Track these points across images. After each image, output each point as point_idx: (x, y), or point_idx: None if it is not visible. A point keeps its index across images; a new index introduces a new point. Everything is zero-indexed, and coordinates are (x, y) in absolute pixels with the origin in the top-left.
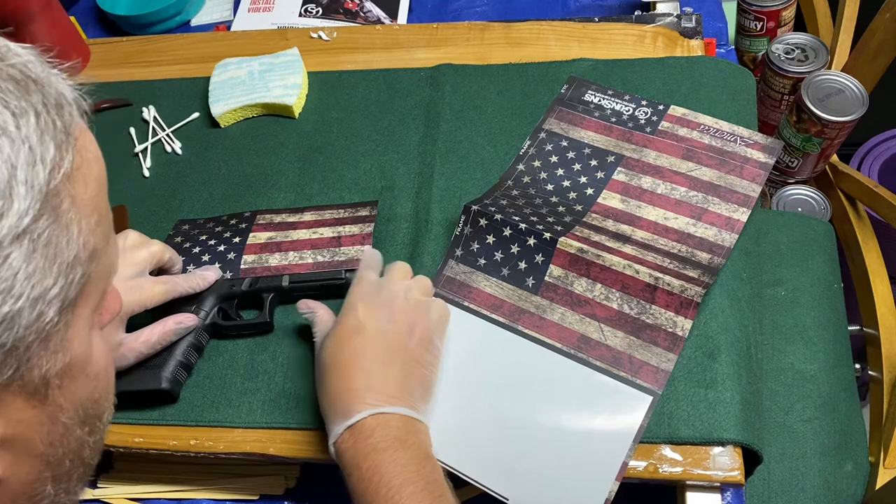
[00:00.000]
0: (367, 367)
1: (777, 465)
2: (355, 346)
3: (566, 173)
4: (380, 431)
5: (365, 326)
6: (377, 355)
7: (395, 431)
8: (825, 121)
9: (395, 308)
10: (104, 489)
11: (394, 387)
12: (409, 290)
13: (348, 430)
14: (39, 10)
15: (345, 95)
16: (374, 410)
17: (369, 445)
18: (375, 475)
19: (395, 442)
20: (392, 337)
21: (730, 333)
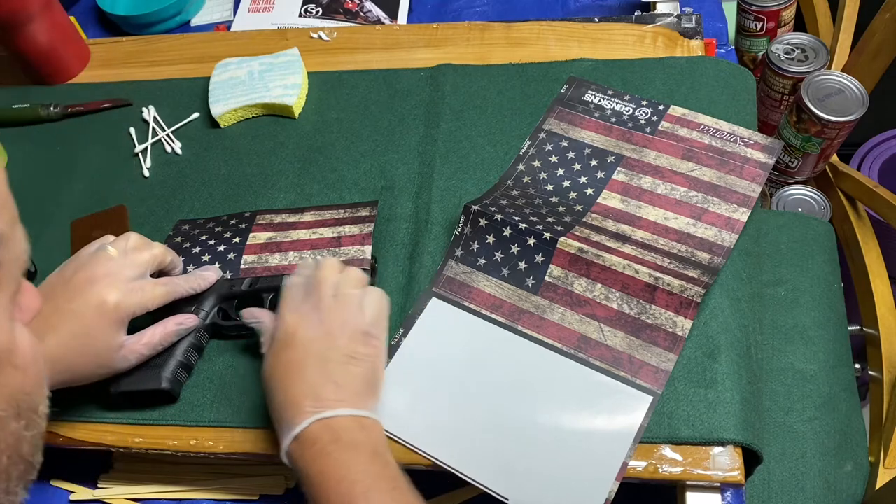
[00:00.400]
0: (303, 377)
1: (777, 465)
2: (289, 358)
3: (566, 173)
4: (324, 437)
5: (295, 336)
6: (311, 363)
7: (339, 434)
8: (825, 121)
9: (322, 310)
10: (104, 489)
11: (332, 390)
12: (339, 287)
13: (295, 441)
14: (39, 10)
15: (345, 95)
16: (315, 417)
17: (315, 452)
18: (324, 480)
19: (340, 444)
20: (323, 341)
21: (730, 333)
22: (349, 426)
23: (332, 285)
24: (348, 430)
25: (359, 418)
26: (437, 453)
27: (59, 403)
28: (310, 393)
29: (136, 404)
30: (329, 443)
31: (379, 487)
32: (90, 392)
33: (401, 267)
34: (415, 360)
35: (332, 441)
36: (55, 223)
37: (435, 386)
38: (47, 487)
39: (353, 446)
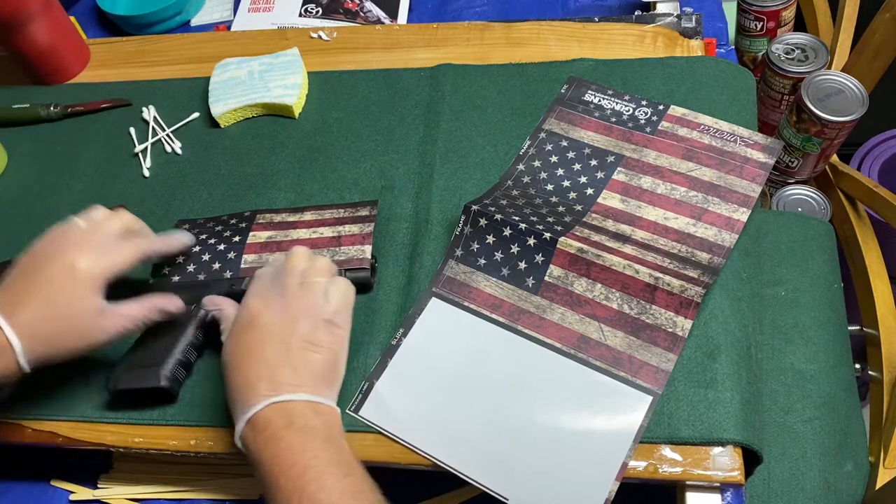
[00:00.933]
0: (261, 360)
1: (777, 465)
2: (248, 340)
3: (566, 173)
4: (277, 420)
5: (257, 319)
6: (270, 346)
7: (293, 418)
8: (825, 121)
9: (287, 296)
10: (104, 489)
11: (289, 374)
12: (306, 275)
13: (248, 425)
14: (39, 10)
15: (345, 95)
16: (270, 400)
17: (268, 436)
18: (276, 466)
19: (293, 429)
20: (284, 326)
21: (730, 333)
22: (304, 411)
23: (300, 273)
24: (303, 415)
25: (314, 404)
26: (437, 453)
27: (60, 403)
28: (266, 375)
29: (135, 403)
30: (282, 427)
31: (331, 473)
32: (90, 392)
33: (401, 267)
34: (415, 359)
35: (286, 425)
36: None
37: (435, 386)
38: (47, 487)
39: (307, 431)
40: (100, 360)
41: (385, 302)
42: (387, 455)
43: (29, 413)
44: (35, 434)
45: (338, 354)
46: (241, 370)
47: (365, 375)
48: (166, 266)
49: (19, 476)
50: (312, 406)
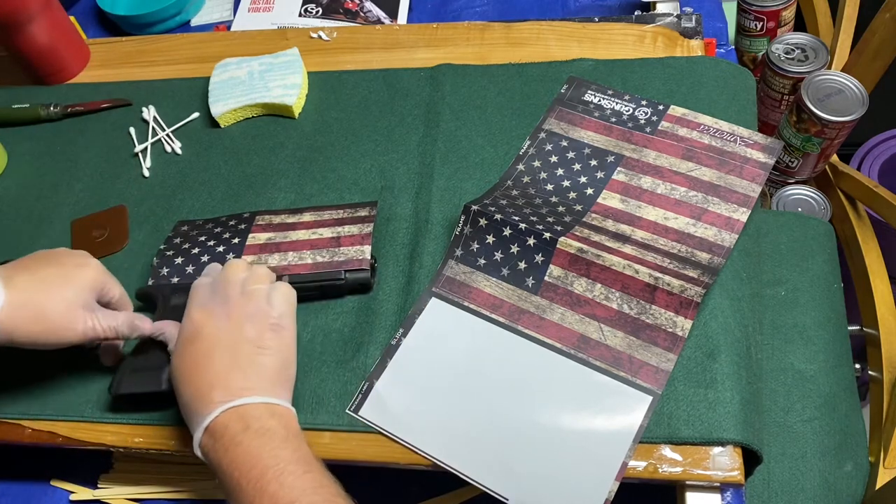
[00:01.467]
0: (210, 368)
1: (777, 465)
2: (195, 351)
3: (566, 173)
4: (233, 426)
5: (202, 330)
6: (218, 354)
7: (249, 421)
8: (825, 121)
9: (230, 305)
10: (104, 489)
11: (240, 378)
12: (246, 283)
13: (206, 433)
14: (39, 10)
15: (345, 95)
16: (225, 406)
17: (226, 442)
18: (236, 470)
19: (249, 432)
20: (230, 333)
21: (730, 333)
22: (259, 414)
23: (240, 282)
24: (259, 417)
25: (269, 405)
26: (437, 453)
27: (60, 403)
28: (217, 383)
29: (136, 406)
30: (239, 431)
31: (291, 471)
32: (90, 392)
33: (401, 267)
34: (414, 360)
35: (243, 429)
36: (55, 223)
37: (435, 386)
38: (47, 487)
39: (264, 433)
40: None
41: (385, 302)
42: (387, 455)
43: (29, 413)
44: (35, 434)
45: (286, 356)
46: (192, 381)
47: (365, 375)
48: (164, 267)
49: (19, 476)
50: (268, 407)
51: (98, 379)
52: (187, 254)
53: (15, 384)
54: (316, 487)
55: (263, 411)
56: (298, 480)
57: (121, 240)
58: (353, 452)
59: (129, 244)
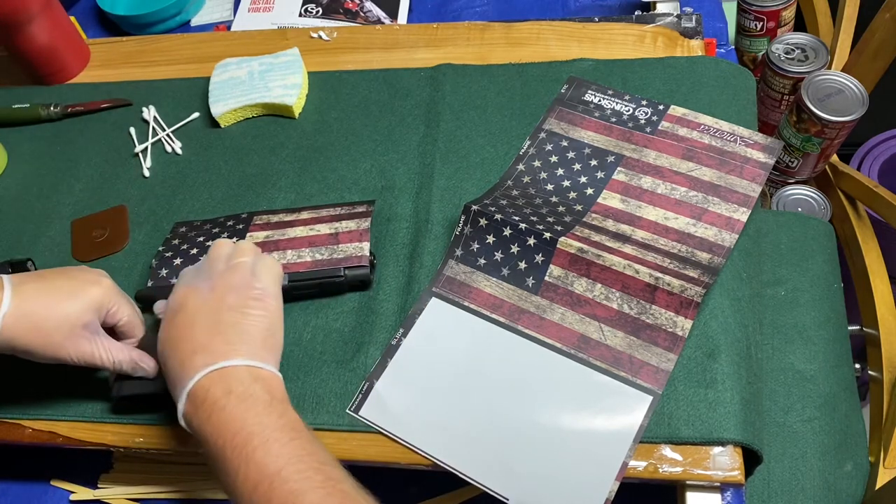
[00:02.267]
0: (192, 336)
1: (777, 465)
2: (178, 323)
3: (566, 173)
4: (216, 390)
5: (185, 304)
6: (200, 323)
7: (232, 385)
8: (825, 121)
9: (213, 278)
10: (104, 489)
11: (221, 342)
12: (230, 258)
13: (189, 401)
14: (39, 10)
15: (345, 95)
16: (207, 370)
17: (208, 408)
18: (220, 437)
19: (233, 397)
20: (213, 302)
21: (730, 333)
22: (242, 377)
23: (224, 257)
24: (242, 381)
25: (253, 369)
26: (437, 453)
27: (60, 403)
28: (200, 348)
29: (137, 408)
30: (222, 396)
31: (277, 438)
32: (90, 392)
33: (401, 267)
34: (415, 359)
35: (225, 394)
36: (55, 223)
37: (435, 386)
38: (47, 487)
39: (247, 398)
40: None
41: (385, 302)
42: (387, 455)
43: (29, 413)
44: (35, 434)
45: (272, 322)
46: (175, 352)
47: (365, 375)
48: (164, 268)
49: (19, 476)
50: (251, 371)
51: (98, 379)
52: (186, 255)
53: (15, 384)
54: (302, 455)
55: (246, 375)
56: (285, 448)
57: (121, 240)
58: (354, 452)
59: (129, 244)
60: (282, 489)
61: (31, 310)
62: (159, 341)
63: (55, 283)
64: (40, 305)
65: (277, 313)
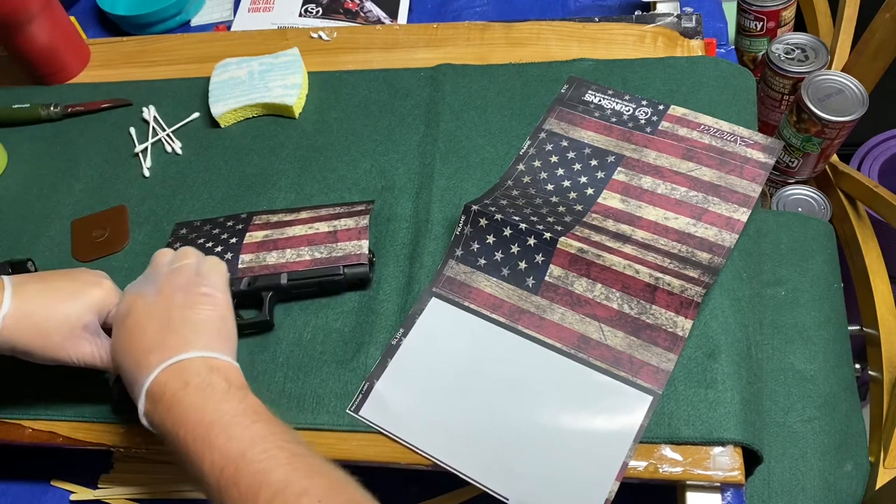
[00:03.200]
0: (144, 337)
1: (777, 465)
2: (129, 326)
3: (566, 173)
4: (173, 384)
5: (134, 307)
6: (151, 323)
7: (188, 378)
8: (825, 121)
9: (158, 282)
10: (104, 489)
11: (175, 338)
12: (173, 262)
13: (148, 399)
14: (39, 10)
15: (345, 95)
16: (162, 365)
17: (167, 402)
18: (181, 428)
19: (190, 389)
20: (162, 303)
21: (730, 333)
22: (198, 369)
23: (167, 262)
24: (198, 372)
25: (208, 360)
26: (437, 453)
27: (60, 403)
28: (153, 347)
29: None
30: (179, 389)
31: (238, 422)
32: (90, 392)
33: (401, 267)
34: (415, 359)
35: (183, 386)
36: (55, 223)
37: (435, 386)
38: (47, 488)
39: (204, 388)
40: None
41: (385, 302)
42: (387, 455)
43: (29, 413)
44: (35, 434)
45: (223, 314)
46: (129, 353)
47: (365, 375)
48: None
49: (19, 476)
50: (206, 362)
51: (98, 379)
52: None
53: (15, 384)
54: (266, 436)
55: (202, 366)
56: (247, 430)
57: (121, 240)
58: (354, 452)
59: (129, 244)
60: (247, 470)
61: (31, 311)
62: (112, 350)
63: (56, 285)
64: (41, 306)
65: (227, 307)
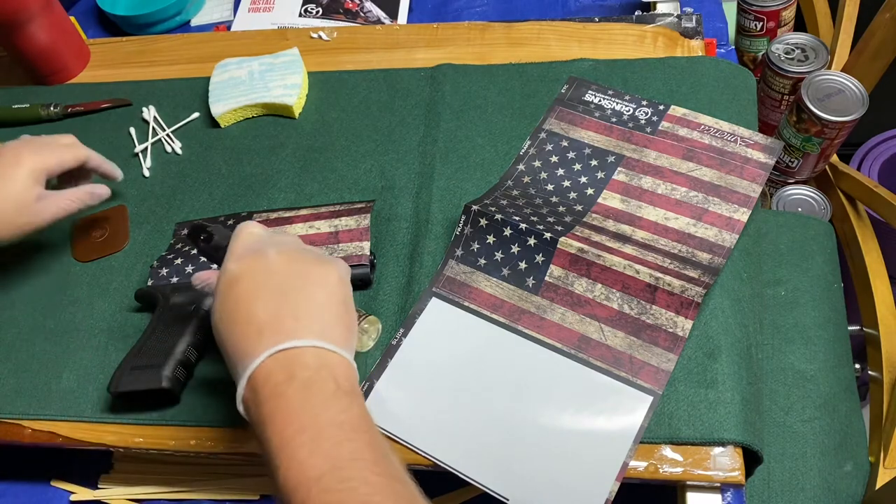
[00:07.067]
0: (257, 308)
1: (777, 465)
2: (237, 295)
3: (566, 173)
4: (278, 374)
5: (242, 276)
6: (264, 293)
7: (295, 370)
8: (825, 121)
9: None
10: (104, 489)
11: (291, 319)
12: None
13: (249, 385)
14: (39, 10)
15: (345, 95)
16: (270, 351)
17: (266, 393)
18: (271, 425)
19: (294, 383)
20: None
21: (730, 333)
22: (308, 361)
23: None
24: (306, 366)
25: (322, 352)
26: (437, 453)
27: (60, 403)
28: (265, 325)
29: (136, 405)
30: (282, 382)
31: (331, 437)
32: (90, 392)
33: (401, 267)
34: (415, 359)
35: (287, 379)
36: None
37: (435, 386)
38: (47, 488)
39: (309, 386)
40: (99, 359)
41: (385, 302)
42: None
43: (29, 413)
44: (35, 434)
45: (346, 300)
46: (235, 329)
47: (365, 375)
48: (164, 268)
49: (19, 476)
50: (319, 354)
51: (98, 379)
52: (186, 255)
53: (15, 384)
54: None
55: (313, 359)
56: (335, 449)
57: (121, 240)
58: None
59: (129, 244)
60: (318, 500)
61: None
62: (214, 318)
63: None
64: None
65: (350, 295)
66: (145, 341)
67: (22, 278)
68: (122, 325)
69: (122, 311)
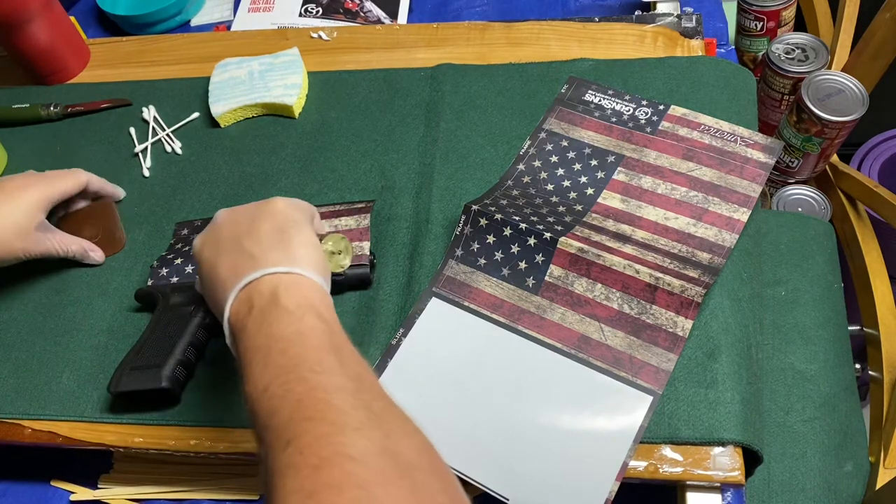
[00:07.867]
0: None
1: (777, 465)
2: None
3: (566, 173)
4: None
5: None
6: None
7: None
8: (825, 121)
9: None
10: (104, 489)
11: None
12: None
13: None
14: (39, 10)
15: (345, 95)
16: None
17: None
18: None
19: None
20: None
21: (730, 333)
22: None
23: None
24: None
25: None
26: None
27: (60, 403)
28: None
29: (136, 405)
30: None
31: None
32: (90, 392)
33: (401, 267)
34: (415, 359)
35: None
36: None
37: (435, 386)
38: (47, 487)
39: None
40: (99, 359)
41: (385, 302)
42: None
43: (29, 413)
44: (35, 434)
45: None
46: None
47: None
48: (164, 268)
49: (19, 476)
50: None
51: (98, 379)
52: (186, 255)
53: (15, 384)
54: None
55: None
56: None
57: (118, 239)
58: None
59: (128, 245)
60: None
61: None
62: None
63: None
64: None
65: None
66: (145, 341)
67: (22, 278)
68: (122, 325)
69: (121, 311)
